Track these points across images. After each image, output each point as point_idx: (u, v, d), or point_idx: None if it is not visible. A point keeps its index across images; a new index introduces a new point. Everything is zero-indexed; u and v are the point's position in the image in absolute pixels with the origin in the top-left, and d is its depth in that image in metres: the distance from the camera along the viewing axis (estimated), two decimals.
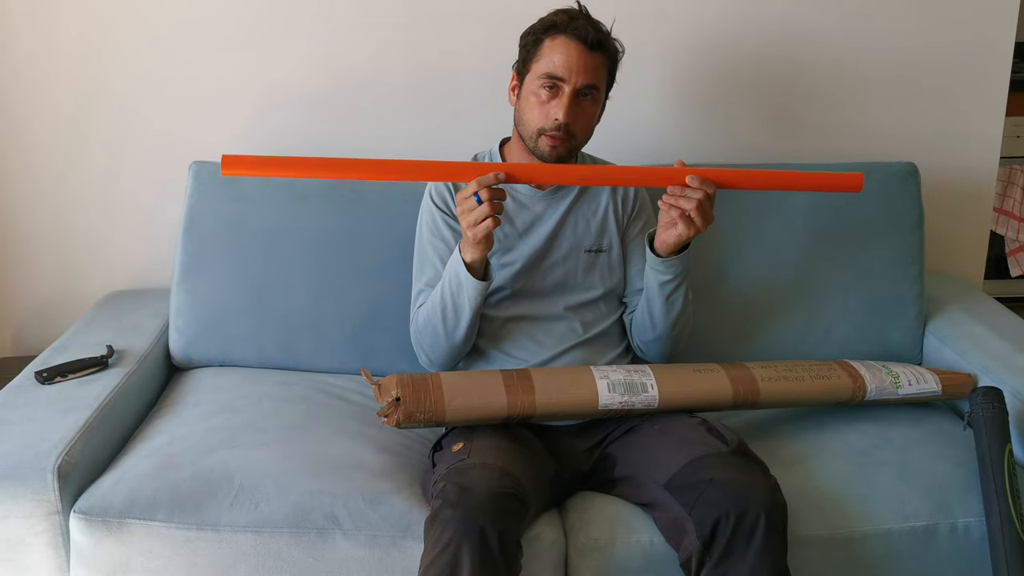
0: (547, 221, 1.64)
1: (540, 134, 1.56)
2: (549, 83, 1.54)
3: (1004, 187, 3.14)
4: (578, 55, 1.53)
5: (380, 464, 1.51)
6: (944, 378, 1.69)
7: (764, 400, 1.57)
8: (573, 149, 1.60)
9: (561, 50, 1.53)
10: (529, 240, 1.63)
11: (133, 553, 1.40)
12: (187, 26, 1.98)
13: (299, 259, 1.84)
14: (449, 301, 1.53)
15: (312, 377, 1.81)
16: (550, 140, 1.55)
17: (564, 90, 1.53)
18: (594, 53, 1.54)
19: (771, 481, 1.37)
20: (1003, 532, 1.39)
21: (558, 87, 1.54)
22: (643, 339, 1.66)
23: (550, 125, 1.55)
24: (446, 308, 1.54)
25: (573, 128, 1.55)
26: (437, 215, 1.64)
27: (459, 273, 1.50)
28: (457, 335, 1.56)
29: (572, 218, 1.66)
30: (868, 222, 1.90)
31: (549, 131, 1.55)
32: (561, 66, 1.53)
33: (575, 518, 1.46)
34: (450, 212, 1.63)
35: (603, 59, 1.57)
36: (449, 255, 1.58)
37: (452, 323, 1.54)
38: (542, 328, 1.62)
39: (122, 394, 1.63)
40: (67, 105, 2.01)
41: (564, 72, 1.53)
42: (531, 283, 1.63)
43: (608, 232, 1.67)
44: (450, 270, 1.53)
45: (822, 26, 2.04)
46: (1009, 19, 2.06)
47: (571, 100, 1.53)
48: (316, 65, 2.01)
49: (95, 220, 2.07)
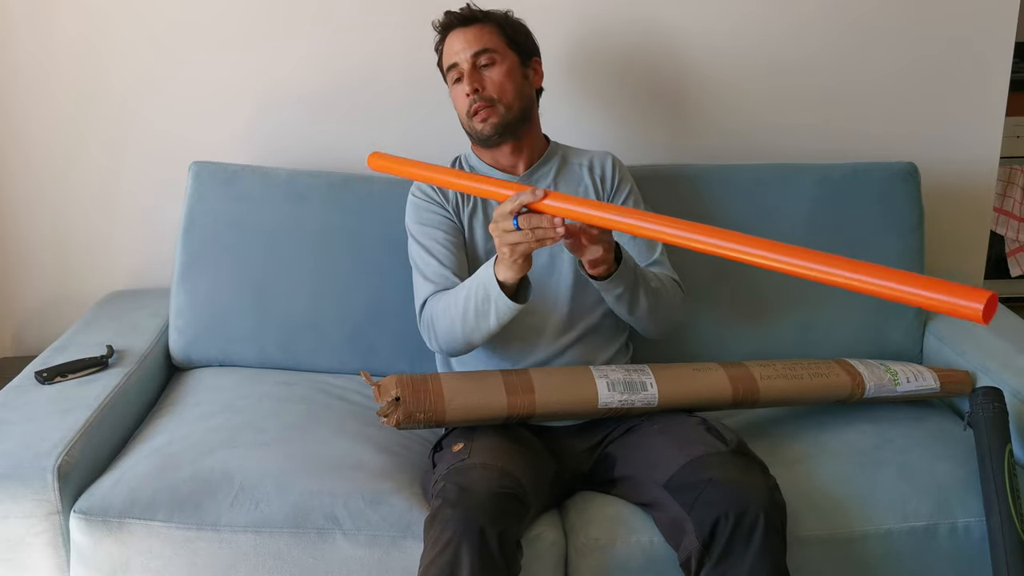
0: None
1: (469, 117, 1.62)
2: (454, 75, 1.63)
3: (1004, 187, 3.14)
4: (459, 37, 1.62)
5: (380, 464, 1.51)
6: (942, 375, 1.69)
7: (763, 399, 1.57)
8: (505, 116, 1.61)
9: (449, 41, 1.64)
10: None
11: (133, 553, 1.40)
12: (187, 26, 1.98)
13: (299, 259, 1.84)
14: (472, 310, 1.46)
15: (312, 377, 1.81)
16: (476, 116, 1.61)
17: (463, 68, 1.61)
18: (469, 26, 1.63)
19: (770, 481, 1.37)
20: (1003, 532, 1.39)
21: (458, 71, 1.61)
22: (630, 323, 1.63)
23: (466, 102, 1.61)
24: (467, 313, 1.47)
25: (487, 92, 1.60)
26: (420, 204, 1.66)
27: (488, 289, 1.41)
28: (476, 338, 1.50)
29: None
30: (868, 222, 1.90)
31: (472, 108, 1.60)
32: (449, 54, 1.63)
33: (575, 518, 1.46)
34: (431, 199, 1.65)
35: (484, 26, 1.63)
36: (443, 237, 1.61)
37: (472, 328, 1.48)
38: (538, 321, 1.61)
39: (122, 394, 1.63)
40: (67, 105, 2.01)
41: (454, 57, 1.62)
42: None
43: None
44: (478, 282, 1.44)
45: (822, 26, 2.04)
46: (1009, 19, 2.06)
47: (471, 72, 1.60)
48: (316, 65, 2.01)
49: (95, 220, 2.07)
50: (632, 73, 2.04)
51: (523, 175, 1.68)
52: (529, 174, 1.68)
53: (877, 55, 2.07)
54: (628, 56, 2.02)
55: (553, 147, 1.72)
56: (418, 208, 1.66)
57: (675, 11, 2.01)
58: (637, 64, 2.03)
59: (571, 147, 1.76)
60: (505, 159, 1.67)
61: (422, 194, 1.66)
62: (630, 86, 2.05)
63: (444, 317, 1.52)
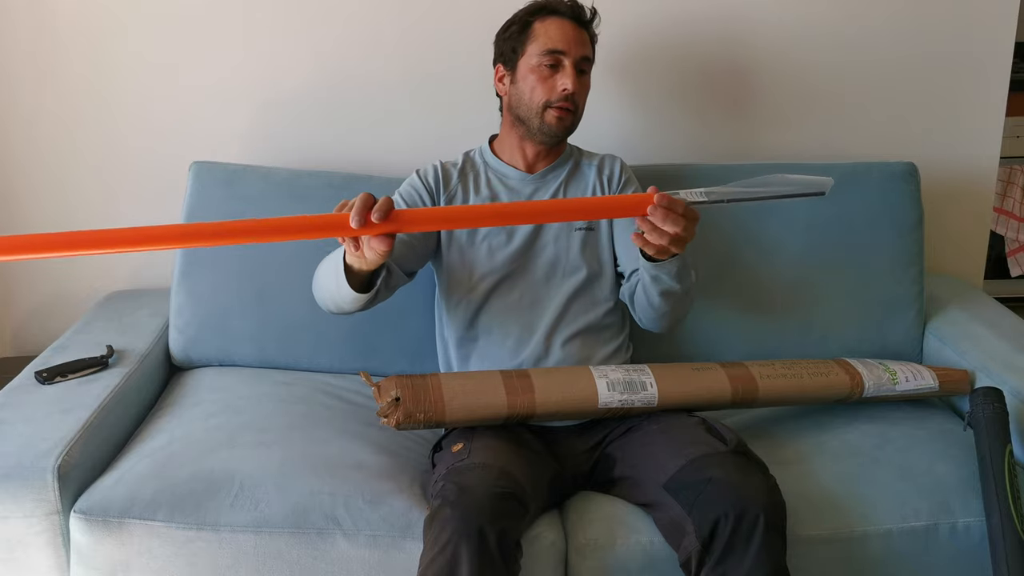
0: None
1: (546, 108, 1.59)
2: (550, 59, 1.58)
3: (1004, 187, 3.14)
4: (572, 29, 1.59)
5: (380, 464, 1.51)
6: (941, 375, 1.70)
7: (763, 398, 1.57)
8: (574, 124, 1.64)
9: (556, 26, 1.59)
10: None
11: (133, 553, 1.40)
12: (187, 26, 1.98)
13: (299, 259, 1.84)
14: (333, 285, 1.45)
15: (312, 377, 1.81)
16: (557, 112, 1.59)
17: (566, 62, 1.58)
18: (583, 29, 1.61)
19: (770, 481, 1.36)
20: (1003, 532, 1.39)
21: (559, 61, 1.58)
22: (645, 316, 1.62)
23: (557, 97, 1.58)
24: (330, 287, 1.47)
25: (577, 99, 1.60)
26: (415, 182, 1.67)
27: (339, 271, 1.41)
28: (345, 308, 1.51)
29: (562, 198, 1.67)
30: (868, 222, 1.90)
31: (556, 103, 1.58)
32: (560, 40, 1.58)
33: (575, 518, 1.46)
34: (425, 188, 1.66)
35: (589, 37, 1.64)
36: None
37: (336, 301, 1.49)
38: (537, 314, 1.62)
39: (122, 394, 1.63)
40: (67, 105, 2.01)
41: (564, 45, 1.58)
42: (523, 265, 1.64)
43: None
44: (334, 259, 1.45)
45: (822, 26, 2.04)
46: (1009, 19, 2.06)
47: (574, 70, 1.58)
48: (316, 65, 2.01)
49: (95, 220, 2.07)
50: (632, 74, 2.04)
51: (538, 174, 1.68)
52: (544, 174, 1.68)
53: (877, 55, 2.07)
54: (628, 58, 2.02)
55: (568, 150, 1.73)
56: (409, 186, 1.68)
57: (675, 11, 2.01)
58: (636, 65, 2.03)
59: (583, 149, 1.76)
60: (532, 157, 1.68)
61: (424, 177, 1.68)
62: (630, 87, 2.05)
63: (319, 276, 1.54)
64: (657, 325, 1.63)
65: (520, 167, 1.68)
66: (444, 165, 1.69)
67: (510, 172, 1.68)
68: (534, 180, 1.68)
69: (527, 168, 1.68)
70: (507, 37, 1.64)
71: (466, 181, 1.68)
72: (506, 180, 1.68)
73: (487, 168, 1.70)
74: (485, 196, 1.66)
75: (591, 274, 1.65)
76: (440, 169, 1.68)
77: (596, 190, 1.70)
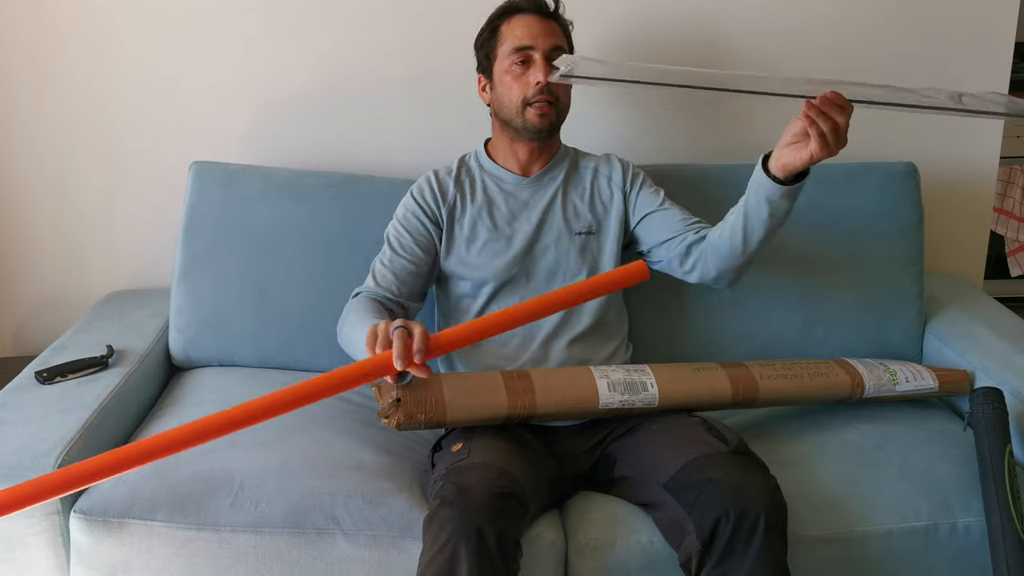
0: (535, 207, 1.66)
1: (525, 106, 1.59)
2: (520, 57, 1.59)
3: (1004, 187, 3.14)
4: (537, 23, 1.60)
5: (380, 464, 1.51)
6: (941, 375, 1.70)
7: (763, 398, 1.57)
8: (559, 117, 1.63)
9: (520, 24, 1.60)
10: (518, 226, 1.65)
11: (133, 553, 1.40)
12: (187, 26, 1.97)
13: (299, 259, 1.84)
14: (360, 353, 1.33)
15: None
16: (536, 109, 1.58)
17: (535, 56, 1.58)
18: (550, 21, 1.62)
19: (771, 481, 1.36)
20: (1003, 532, 1.39)
21: (529, 57, 1.59)
22: (727, 264, 1.58)
23: (532, 92, 1.58)
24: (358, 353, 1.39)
25: (556, 90, 1.59)
26: (410, 207, 1.66)
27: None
28: None
29: (561, 202, 1.67)
30: (868, 222, 1.90)
31: (533, 98, 1.58)
32: (526, 36, 1.59)
33: (575, 518, 1.46)
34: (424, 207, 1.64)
35: (559, 27, 1.63)
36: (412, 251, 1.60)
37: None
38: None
39: (122, 394, 1.63)
40: (67, 105, 2.01)
41: (530, 40, 1.58)
42: (524, 269, 1.64)
43: (597, 214, 1.68)
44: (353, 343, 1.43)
45: (822, 25, 2.04)
46: (1009, 19, 2.06)
47: (545, 62, 1.57)
48: (316, 65, 2.01)
49: (95, 220, 2.07)
50: None
51: (534, 178, 1.68)
52: (540, 177, 1.68)
53: (876, 54, 2.07)
54: (628, 57, 2.02)
55: (564, 150, 1.73)
56: (406, 210, 1.66)
57: (674, 11, 2.01)
58: (634, 65, 2.03)
59: (580, 151, 1.76)
60: (525, 159, 1.67)
61: (420, 196, 1.66)
62: (630, 87, 2.05)
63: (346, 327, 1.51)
64: (733, 275, 1.60)
65: (515, 170, 1.68)
66: (438, 175, 1.68)
67: (506, 176, 1.68)
68: (530, 184, 1.68)
69: (522, 171, 1.68)
70: (480, 46, 1.67)
71: (462, 188, 1.67)
72: (502, 184, 1.68)
73: (483, 172, 1.70)
74: (482, 202, 1.66)
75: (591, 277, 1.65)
76: (435, 180, 1.67)
77: (596, 191, 1.69)
